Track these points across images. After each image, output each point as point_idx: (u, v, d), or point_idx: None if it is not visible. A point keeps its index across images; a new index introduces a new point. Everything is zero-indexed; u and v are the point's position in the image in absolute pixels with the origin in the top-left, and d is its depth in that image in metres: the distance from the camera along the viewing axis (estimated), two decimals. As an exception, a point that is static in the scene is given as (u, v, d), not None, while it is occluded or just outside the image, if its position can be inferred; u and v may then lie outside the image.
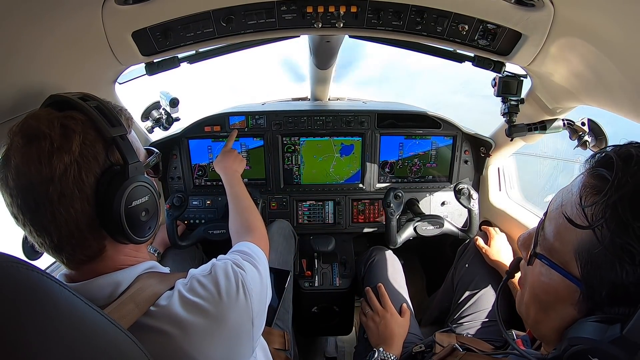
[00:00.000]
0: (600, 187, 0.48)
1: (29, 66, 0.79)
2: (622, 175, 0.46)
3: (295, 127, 1.70)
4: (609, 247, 0.46)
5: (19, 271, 0.39)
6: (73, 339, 0.42)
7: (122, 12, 0.87)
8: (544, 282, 0.56)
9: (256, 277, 0.79)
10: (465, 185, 1.53)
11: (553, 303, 0.55)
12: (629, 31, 0.73)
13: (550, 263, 0.55)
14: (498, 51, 1.09)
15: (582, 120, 1.17)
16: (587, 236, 0.49)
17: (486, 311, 1.29)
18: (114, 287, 0.65)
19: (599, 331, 0.47)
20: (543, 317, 0.58)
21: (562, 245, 0.53)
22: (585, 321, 0.50)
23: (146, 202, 0.69)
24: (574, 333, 0.50)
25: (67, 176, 0.58)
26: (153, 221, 0.72)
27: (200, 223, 1.77)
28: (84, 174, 0.60)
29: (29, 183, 0.58)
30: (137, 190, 0.67)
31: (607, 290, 0.47)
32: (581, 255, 0.50)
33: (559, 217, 0.54)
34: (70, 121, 0.61)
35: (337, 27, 1.05)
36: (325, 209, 1.81)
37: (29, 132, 0.59)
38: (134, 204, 0.66)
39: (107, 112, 0.66)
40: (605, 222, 0.46)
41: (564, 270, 0.53)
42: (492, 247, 1.42)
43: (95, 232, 0.63)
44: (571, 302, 0.52)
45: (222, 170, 1.36)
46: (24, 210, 0.59)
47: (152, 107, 1.46)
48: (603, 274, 0.47)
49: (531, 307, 0.60)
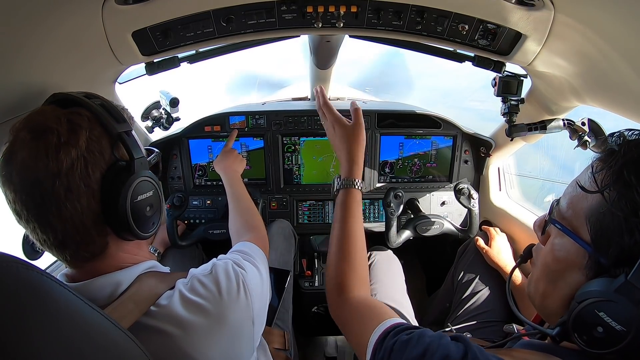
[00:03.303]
0: (608, 158, 0.55)
1: (29, 66, 0.79)
2: (628, 146, 0.53)
3: (296, 127, 1.70)
4: (616, 205, 0.50)
5: (19, 271, 0.39)
6: (73, 339, 0.42)
7: (122, 12, 0.87)
8: (555, 252, 0.60)
9: (256, 277, 0.79)
10: (465, 185, 1.53)
11: (562, 271, 0.58)
12: (630, 31, 0.73)
13: (563, 227, 0.59)
14: (498, 51, 1.09)
15: (582, 120, 1.16)
16: (597, 201, 0.53)
17: (486, 311, 1.29)
18: (114, 287, 0.65)
19: (605, 284, 0.50)
20: (551, 289, 0.61)
21: (574, 213, 0.58)
22: (591, 281, 0.53)
23: (150, 197, 0.70)
24: (581, 291, 0.54)
25: (74, 171, 0.59)
26: (157, 216, 0.73)
27: (200, 223, 1.77)
28: (91, 169, 0.61)
29: (35, 178, 0.57)
30: (143, 185, 0.68)
31: (614, 250, 0.51)
32: (591, 219, 0.54)
33: (573, 189, 0.59)
34: (76, 117, 0.62)
35: (337, 27, 1.05)
36: (325, 208, 1.81)
37: (36, 127, 0.59)
38: (139, 199, 0.67)
39: (111, 109, 0.67)
40: (613, 185, 0.51)
41: (575, 234, 0.57)
42: (492, 247, 1.42)
43: (100, 228, 0.64)
44: (579, 267, 0.55)
45: (222, 170, 1.36)
46: (29, 205, 0.59)
47: (152, 107, 1.46)
48: (611, 233, 0.51)
49: (540, 281, 0.63)
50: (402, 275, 1.57)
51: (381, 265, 1.58)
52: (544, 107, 1.24)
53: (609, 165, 0.53)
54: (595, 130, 1.17)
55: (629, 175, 0.50)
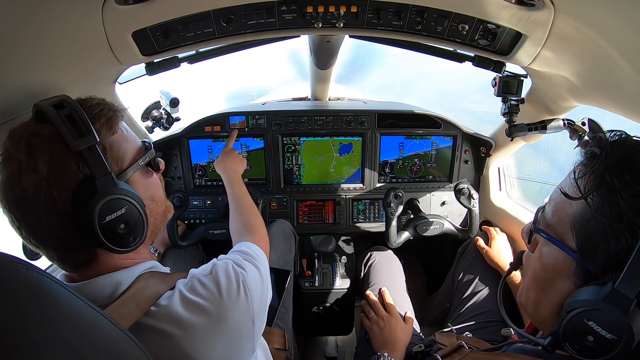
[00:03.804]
0: (591, 162, 0.54)
1: (29, 66, 0.79)
2: (610, 149, 0.52)
3: (296, 127, 1.70)
4: (600, 211, 0.49)
5: (19, 271, 0.39)
6: (73, 339, 0.42)
7: (122, 12, 0.87)
8: (543, 260, 0.59)
9: (257, 277, 0.79)
10: (465, 185, 1.53)
11: (551, 280, 0.58)
12: (630, 31, 0.73)
13: (548, 236, 0.58)
14: (498, 51, 1.09)
15: (582, 120, 1.16)
16: (581, 207, 0.53)
17: (486, 311, 1.29)
18: (114, 287, 0.65)
19: (593, 293, 0.50)
20: (542, 298, 0.60)
21: (559, 220, 0.57)
22: (579, 290, 0.53)
23: (123, 214, 0.64)
24: (569, 300, 0.53)
25: (39, 195, 0.59)
26: (137, 230, 0.67)
27: (200, 223, 1.77)
28: (55, 192, 0.59)
29: (7, 202, 0.61)
30: (110, 205, 0.62)
31: (601, 257, 0.50)
32: (576, 227, 0.53)
33: (557, 196, 0.58)
34: (36, 139, 0.60)
35: (337, 27, 1.05)
36: (325, 208, 1.81)
37: (3, 153, 0.61)
38: (108, 219, 0.62)
39: (78, 119, 0.62)
40: (596, 190, 0.50)
41: (561, 242, 0.56)
42: (492, 247, 1.42)
43: (82, 243, 0.63)
44: (567, 275, 0.55)
45: (222, 170, 1.36)
46: (13, 222, 0.62)
47: (152, 107, 1.46)
48: (597, 240, 0.50)
49: (531, 290, 0.63)
50: (402, 275, 1.57)
51: (381, 265, 1.58)
52: (544, 107, 1.24)
53: (592, 170, 0.52)
54: (596, 130, 1.16)
55: (612, 179, 0.49)
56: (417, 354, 1.13)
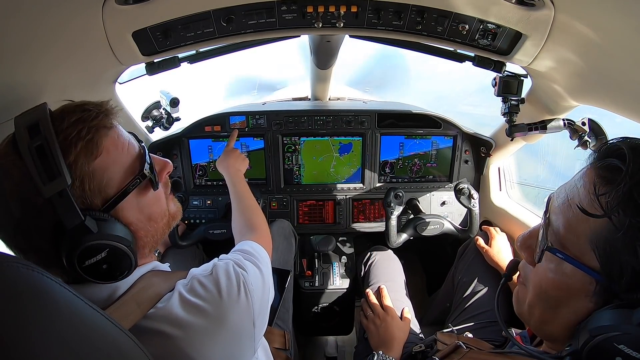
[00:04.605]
0: (612, 176, 0.49)
1: (29, 66, 0.79)
2: (635, 164, 0.47)
3: (296, 127, 1.70)
4: (628, 232, 0.46)
5: (19, 271, 0.39)
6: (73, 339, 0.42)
7: (122, 12, 0.87)
8: (553, 278, 0.56)
9: (258, 277, 0.78)
10: (465, 185, 1.53)
11: (565, 298, 0.55)
12: (630, 31, 0.73)
13: (566, 256, 0.54)
14: (498, 51, 1.09)
15: (582, 120, 1.16)
16: (602, 225, 0.49)
17: (486, 311, 1.29)
18: (112, 290, 0.64)
19: (623, 317, 0.47)
20: (551, 316, 0.57)
21: (575, 237, 0.53)
22: (603, 310, 0.50)
23: (103, 257, 0.60)
24: (595, 323, 0.50)
25: (18, 234, 0.59)
26: (124, 266, 0.63)
27: (200, 223, 1.77)
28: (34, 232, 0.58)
29: None
30: (89, 250, 0.58)
31: (628, 277, 0.47)
32: (598, 245, 0.50)
33: (568, 210, 0.54)
34: (7, 181, 0.57)
35: (338, 27, 1.05)
36: (325, 208, 1.81)
37: None
38: (88, 263, 0.59)
39: (48, 152, 0.56)
40: (621, 208, 0.47)
41: (579, 262, 0.52)
42: (492, 247, 1.42)
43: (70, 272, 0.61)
44: (586, 295, 0.52)
45: (224, 169, 1.36)
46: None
47: (153, 107, 1.46)
48: (623, 260, 0.47)
49: (536, 307, 0.59)
50: (403, 275, 1.57)
51: (381, 265, 1.58)
52: (544, 107, 1.24)
53: (615, 186, 0.48)
54: (596, 130, 1.16)
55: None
56: (417, 354, 1.13)
